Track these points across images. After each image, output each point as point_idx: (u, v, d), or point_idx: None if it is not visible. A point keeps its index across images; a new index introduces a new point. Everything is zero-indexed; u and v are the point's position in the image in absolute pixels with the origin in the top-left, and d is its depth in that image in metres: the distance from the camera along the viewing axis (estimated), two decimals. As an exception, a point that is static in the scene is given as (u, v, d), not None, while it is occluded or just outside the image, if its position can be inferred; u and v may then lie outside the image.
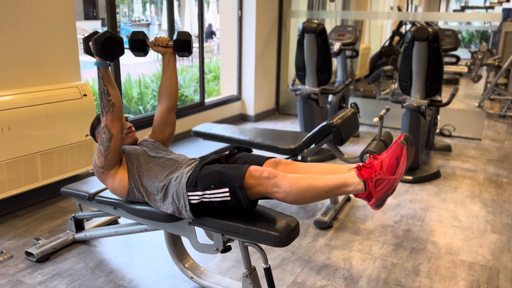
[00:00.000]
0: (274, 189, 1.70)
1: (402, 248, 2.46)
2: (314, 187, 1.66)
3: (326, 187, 1.66)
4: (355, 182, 1.62)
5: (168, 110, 2.16)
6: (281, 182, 1.69)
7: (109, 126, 1.85)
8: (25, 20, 2.65)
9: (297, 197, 1.69)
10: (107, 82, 1.83)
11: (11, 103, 2.51)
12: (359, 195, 1.65)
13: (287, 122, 5.27)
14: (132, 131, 2.12)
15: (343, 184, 1.64)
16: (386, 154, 1.61)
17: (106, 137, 1.86)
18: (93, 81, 4.93)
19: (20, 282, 2.05)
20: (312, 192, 1.67)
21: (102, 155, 1.87)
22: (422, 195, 3.19)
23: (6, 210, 2.71)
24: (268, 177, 1.70)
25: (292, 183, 1.68)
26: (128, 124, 2.12)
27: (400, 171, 1.57)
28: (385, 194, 1.61)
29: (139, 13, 18.32)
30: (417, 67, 3.30)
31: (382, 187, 1.59)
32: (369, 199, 1.63)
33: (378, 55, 7.46)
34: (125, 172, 1.92)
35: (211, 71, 6.59)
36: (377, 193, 1.60)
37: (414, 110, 3.36)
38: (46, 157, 2.72)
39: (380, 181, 1.59)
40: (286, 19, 5.50)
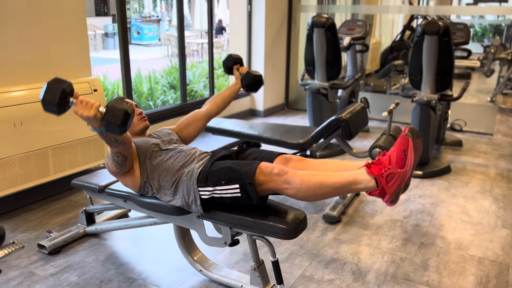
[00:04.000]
0: (285, 186, 1.71)
1: (411, 242, 2.45)
2: (325, 184, 1.67)
3: (336, 184, 1.66)
4: (365, 179, 1.62)
5: (207, 116, 2.29)
6: (291, 178, 1.70)
7: (122, 152, 1.80)
8: (37, 17, 2.68)
9: (307, 194, 1.70)
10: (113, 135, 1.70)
11: (23, 98, 2.54)
12: (372, 192, 1.64)
13: (296, 117, 5.27)
14: (143, 117, 2.11)
15: (353, 181, 1.64)
16: (393, 149, 1.61)
17: (120, 159, 1.82)
18: (104, 76, 4.98)
19: (32, 274, 2.09)
20: (322, 189, 1.67)
21: (117, 167, 1.86)
22: (432, 190, 3.17)
23: (19, 204, 2.75)
24: (279, 174, 1.71)
25: (302, 180, 1.68)
26: (138, 110, 2.13)
27: (409, 163, 1.56)
28: (398, 188, 1.60)
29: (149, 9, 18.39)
30: (427, 61, 3.27)
31: (394, 182, 1.59)
32: (383, 195, 1.63)
33: (389, 49, 7.40)
34: (137, 167, 1.93)
35: (221, 67, 6.60)
36: (389, 188, 1.60)
37: (424, 105, 3.33)
38: (57, 152, 2.76)
39: (391, 176, 1.58)
40: (296, 13, 5.48)
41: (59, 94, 1.51)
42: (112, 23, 14.09)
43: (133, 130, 2.07)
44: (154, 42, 14.90)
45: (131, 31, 15.37)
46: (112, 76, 5.19)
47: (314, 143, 2.80)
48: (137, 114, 2.09)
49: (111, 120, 1.53)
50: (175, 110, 4.17)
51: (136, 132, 2.08)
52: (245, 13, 5.02)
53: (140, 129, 2.08)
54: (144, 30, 15.20)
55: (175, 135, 2.15)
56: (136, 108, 2.13)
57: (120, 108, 1.53)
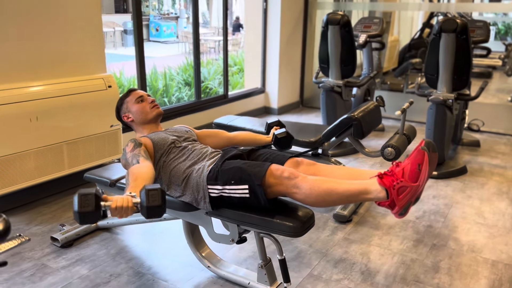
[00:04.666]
0: (294, 190, 1.70)
1: (423, 244, 2.41)
2: (335, 191, 1.65)
3: (346, 192, 1.64)
4: (376, 190, 1.60)
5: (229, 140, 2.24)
6: (301, 183, 1.68)
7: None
8: (53, 14, 2.73)
9: (317, 200, 1.68)
10: None
11: (39, 93, 2.59)
12: (381, 203, 1.62)
13: (311, 115, 5.24)
14: (155, 105, 2.12)
15: (364, 191, 1.62)
16: (407, 161, 1.58)
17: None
18: (120, 73, 5.04)
19: (45, 266, 2.13)
20: (332, 196, 1.66)
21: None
22: (446, 191, 3.11)
23: (34, 197, 2.81)
24: (289, 177, 1.70)
25: (312, 186, 1.67)
26: (150, 98, 2.14)
27: (423, 178, 1.53)
28: (408, 202, 1.57)
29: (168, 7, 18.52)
30: (444, 59, 3.21)
31: (405, 195, 1.56)
32: (392, 207, 1.60)
33: (407, 47, 7.29)
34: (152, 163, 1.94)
35: (237, 64, 6.61)
36: (400, 201, 1.57)
37: (439, 104, 3.27)
38: (72, 147, 2.80)
39: (402, 189, 1.56)
40: (312, 10, 5.45)
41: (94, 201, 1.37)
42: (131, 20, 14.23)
43: (147, 118, 2.08)
44: (172, 39, 15.01)
45: (150, 28, 15.51)
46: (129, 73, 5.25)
47: (325, 142, 2.77)
48: (150, 102, 2.10)
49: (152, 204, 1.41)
50: (189, 107, 4.19)
51: (150, 119, 2.08)
52: (260, 10, 5.01)
53: (154, 116, 2.08)
54: (162, 27, 15.32)
55: (194, 134, 2.14)
56: (148, 97, 2.14)
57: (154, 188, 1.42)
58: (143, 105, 2.09)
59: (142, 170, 1.66)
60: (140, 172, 1.64)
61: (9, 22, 2.52)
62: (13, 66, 2.58)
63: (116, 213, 1.40)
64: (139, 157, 1.78)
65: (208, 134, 2.22)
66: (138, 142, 1.90)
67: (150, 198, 1.41)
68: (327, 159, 2.88)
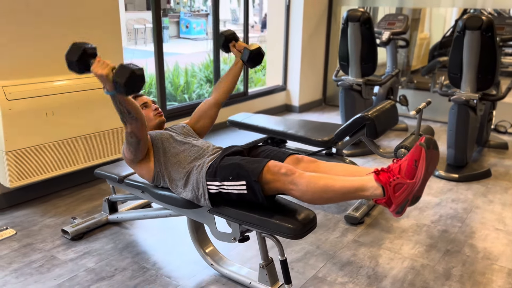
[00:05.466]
0: (291, 187, 1.67)
1: (436, 249, 2.33)
2: (331, 188, 1.61)
3: (342, 189, 1.60)
4: (373, 187, 1.55)
5: (216, 103, 2.26)
6: (298, 180, 1.65)
7: (135, 133, 1.82)
8: (71, 11, 2.78)
9: (313, 197, 1.65)
10: (127, 104, 1.71)
11: (55, 89, 2.65)
12: (378, 200, 1.57)
13: (333, 113, 5.16)
14: (159, 112, 2.15)
15: (360, 188, 1.58)
16: (405, 158, 1.53)
17: (134, 141, 1.85)
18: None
19: (53, 258, 2.18)
20: (328, 193, 1.62)
21: (132, 153, 1.90)
22: (466, 195, 2.99)
23: (50, 190, 2.88)
24: (286, 174, 1.67)
25: (309, 182, 1.64)
26: (154, 105, 2.16)
27: (419, 175, 1.47)
28: (405, 200, 1.52)
29: (199, 4, 18.68)
30: (468, 58, 3.08)
31: (402, 192, 1.51)
32: (389, 205, 1.55)
33: (438, 45, 7.07)
34: (152, 158, 1.97)
35: (261, 61, 6.58)
36: (396, 199, 1.52)
37: (462, 104, 3.15)
38: (87, 141, 2.85)
39: (399, 186, 1.51)
40: (337, 7, 5.35)
41: (81, 52, 1.65)
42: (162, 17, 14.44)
43: (149, 125, 2.11)
44: (202, 36, 15.13)
45: (180, 25, 15.69)
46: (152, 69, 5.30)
47: (338, 141, 2.72)
48: (153, 110, 2.12)
49: (118, 78, 1.60)
50: (208, 103, 4.20)
51: (152, 126, 2.12)
52: (283, 7, 4.96)
53: (156, 124, 2.11)
54: (192, 24, 15.47)
55: (190, 128, 2.16)
56: (153, 104, 2.16)
57: (128, 68, 1.60)
58: (147, 111, 2.12)
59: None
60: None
61: (28, 19, 2.59)
62: (30, 61, 2.65)
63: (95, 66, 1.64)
64: None
65: (198, 115, 2.26)
66: None
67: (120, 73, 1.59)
68: (341, 159, 2.83)
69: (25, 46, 2.60)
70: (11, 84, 2.47)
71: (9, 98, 2.44)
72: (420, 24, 7.14)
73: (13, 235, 2.37)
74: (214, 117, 2.29)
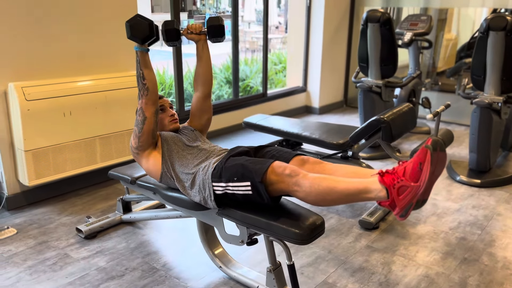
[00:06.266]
0: (295, 188, 1.65)
1: (452, 257, 2.25)
2: (334, 189, 1.58)
3: (346, 191, 1.57)
4: (377, 189, 1.51)
5: (204, 96, 2.19)
6: (302, 181, 1.63)
7: (144, 109, 1.92)
8: (89, 14, 2.83)
9: (316, 199, 1.63)
10: (144, 66, 1.90)
11: (73, 89, 2.70)
12: (382, 203, 1.53)
13: (353, 116, 5.08)
14: (174, 119, 2.16)
15: (364, 190, 1.54)
16: (410, 160, 1.48)
17: (140, 119, 1.93)
18: (163, 71, 5.15)
19: (66, 256, 2.22)
20: (331, 195, 1.59)
21: (137, 136, 1.95)
22: (488, 201, 2.89)
23: (68, 189, 2.94)
24: (290, 175, 1.65)
25: (312, 183, 1.61)
26: (171, 111, 2.17)
27: (424, 178, 1.42)
28: (409, 203, 1.47)
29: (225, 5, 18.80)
30: (492, 59, 2.98)
31: (406, 195, 1.46)
32: (393, 207, 1.51)
33: (466, 46, 6.87)
34: (159, 156, 1.98)
35: (282, 62, 6.55)
36: (400, 202, 1.47)
37: (485, 107, 3.04)
38: (104, 141, 2.90)
39: (403, 188, 1.46)
40: (359, 7, 5.27)
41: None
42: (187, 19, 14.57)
43: (163, 129, 2.12)
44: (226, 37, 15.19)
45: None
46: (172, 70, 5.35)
47: (354, 144, 2.67)
48: (169, 115, 2.13)
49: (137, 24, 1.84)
50: (226, 105, 4.21)
51: (165, 131, 2.13)
52: (304, 8, 4.92)
53: (170, 130, 2.12)
54: (217, 25, 15.54)
55: (199, 133, 2.15)
56: (170, 109, 2.16)
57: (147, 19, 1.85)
58: (163, 116, 2.12)
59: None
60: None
61: (46, 21, 2.65)
62: (48, 62, 2.71)
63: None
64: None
65: (192, 113, 2.21)
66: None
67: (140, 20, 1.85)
68: (357, 162, 2.78)
69: (43, 47, 2.66)
70: (30, 85, 2.54)
71: (28, 98, 2.50)
72: (446, 25, 6.96)
73: (13, 234, 2.42)
74: (209, 108, 2.21)
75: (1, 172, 2.65)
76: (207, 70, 2.16)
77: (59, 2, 2.67)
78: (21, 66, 2.59)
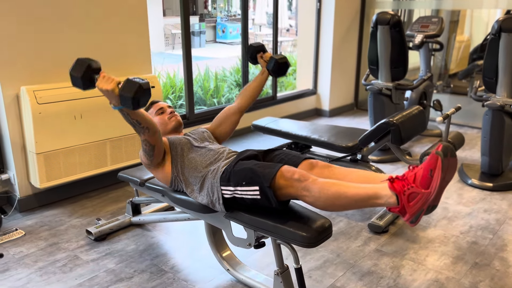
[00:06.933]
0: (304, 193, 1.64)
1: (463, 261, 2.22)
2: (344, 195, 1.57)
3: (356, 196, 1.55)
4: (386, 195, 1.50)
5: (239, 110, 2.27)
6: (311, 186, 1.62)
7: (149, 140, 1.85)
8: (101, 18, 2.86)
9: (326, 204, 1.62)
10: (134, 115, 1.72)
11: (84, 93, 2.73)
12: (392, 209, 1.51)
13: (364, 118, 5.05)
14: (173, 115, 2.16)
15: (374, 195, 1.53)
16: (421, 166, 1.47)
17: (148, 148, 1.88)
18: (174, 74, 5.19)
19: (76, 258, 2.24)
20: (341, 200, 1.58)
21: (148, 158, 1.93)
22: (501, 205, 2.85)
23: (79, 191, 2.97)
24: (299, 180, 1.64)
25: (322, 188, 1.60)
26: (169, 109, 2.18)
27: (435, 185, 1.41)
28: (419, 209, 1.46)
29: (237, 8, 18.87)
30: (504, 61, 2.94)
31: (416, 202, 1.44)
32: (403, 214, 1.49)
33: (479, 48, 6.80)
34: (169, 162, 1.99)
35: (292, 65, 6.55)
36: (410, 208, 1.46)
37: (496, 110, 3.00)
38: (114, 144, 2.92)
39: (413, 195, 1.44)
40: (370, 10, 5.25)
41: (85, 68, 1.62)
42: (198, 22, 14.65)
43: (167, 128, 2.13)
44: (238, 40, 15.26)
45: (216, 30, 15.88)
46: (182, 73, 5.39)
47: (363, 147, 2.65)
48: (168, 113, 2.14)
49: (125, 93, 1.57)
50: (236, 107, 4.22)
51: (169, 130, 2.13)
52: (314, 11, 4.92)
53: (173, 127, 2.12)
54: (228, 28, 15.63)
55: (209, 133, 2.17)
56: (168, 108, 2.18)
57: (135, 82, 1.57)
58: (163, 116, 2.15)
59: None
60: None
61: (57, 25, 2.69)
62: (59, 66, 2.75)
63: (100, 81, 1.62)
64: None
65: (220, 121, 2.27)
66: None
67: (125, 87, 1.57)
68: (366, 165, 2.76)
69: (54, 51, 2.70)
70: (42, 89, 2.57)
71: (40, 102, 2.53)
72: (459, 26, 6.89)
73: (22, 236, 2.45)
74: (235, 123, 2.29)
75: (13, 174, 2.69)
76: (257, 91, 2.33)
77: (70, 7, 2.71)
78: (33, 70, 2.63)
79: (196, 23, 14.41)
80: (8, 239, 2.41)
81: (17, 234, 2.46)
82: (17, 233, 2.47)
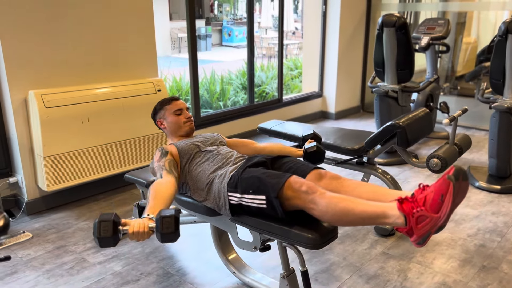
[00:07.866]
0: (311, 206, 1.62)
1: (471, 264, 2.21)
2: (351, 212, 1.55)
3: (363, 214, 1.54)
4: (395, 215, 1.48)
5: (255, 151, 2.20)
6: (318, 199, 1.61)
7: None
8: (108, 22, 2.89)
9: (333, 218, 1.60)
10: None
11: (91, 96, 2.75)
12: (399, 229, 1.49)
13: (370, 121, 5.04)
14: (190, 122, 2.15)
15: (382, 215, 1.51)
16: (432, 188, 1.44)
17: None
18: (180, 77, 5.21)
19: (83, 260, 2.26)
20: (348, 216, 1.56)
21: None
22: (509, 208, 2.83)
23: (86, 194, 2.99)
24: (307, 192, 1.63)
25: (329, 203, 1.58)
26: (188, 114, 2.17)
27: (445, 210, 1.38)
28: (427, 232, 1.43)
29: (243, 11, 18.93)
30: (511, 63, 2.92)
31: (424, 225, 1.42)
32: (410, 235, 1.47)
33: (486, 50, 6.76)
34: (178, 170, 1.98)
35: (298, 68, 6.56)
36: (418, 231, 1.43)
37: (504, 112, 2.98)
38: (121, 147, 2.94)
39: (422, 218, 1.42)
40: (376, 12, 5.24)
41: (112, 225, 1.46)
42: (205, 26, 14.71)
43: (179, 131, 2.12)
44: (244, 43, 15.29)
45: (223, 33, 15.94)
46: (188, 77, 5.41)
47: (369, 150, 2.64)
48: (186, 118, 2.13)
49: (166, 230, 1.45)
50: (241, 110, 4.23)
51: (181, 133, 2.13)
52: (319, 13, 4.92)
53: (185, 132, 2.12)
54: (234, 32, 15.67)
55: (221, 138, 2.15)
56: (187, 111, 2.17)
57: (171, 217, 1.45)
58: (180, 118, 2.12)
59: (162, 187, 1.69)
60: (160, 190, 1.67)
61: (66, 31, 2.71)
62: (66, 70, 2.77)
63: (133, 238, 1.45)
64: (162, 170, 1.82)
65: (237, 143, 2.21)
66: (164, 151, 1.94)
67: (164, 225, 1.44)
68: (372, 168, 2.75)
69: (62, 55, 2.73)
70: (49, 93, 2.60)
71: (47, 105, 2.56)
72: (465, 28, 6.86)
73: (30, 238, 2.47)
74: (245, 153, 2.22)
75: (21, 177, 2.71)
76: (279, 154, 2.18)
77: (78, 11, 2.74)
78: (41, 74, 2.65)
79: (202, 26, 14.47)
80: (16, 241, 2.43)
81: (24, 236, 2.48)
82: (25, 236, 2.49)
